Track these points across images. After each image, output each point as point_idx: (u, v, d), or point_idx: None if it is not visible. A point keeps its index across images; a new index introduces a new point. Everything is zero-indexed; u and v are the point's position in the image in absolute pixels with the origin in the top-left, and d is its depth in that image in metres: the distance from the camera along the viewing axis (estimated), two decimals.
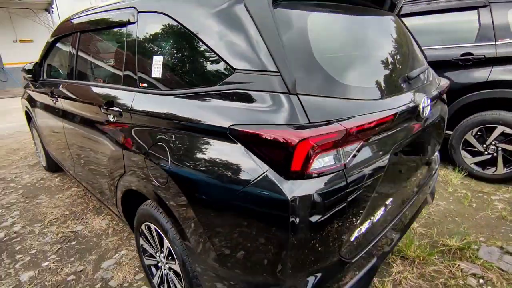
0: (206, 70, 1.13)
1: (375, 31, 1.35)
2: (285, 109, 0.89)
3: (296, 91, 0.90)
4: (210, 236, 1.09)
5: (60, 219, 2.60)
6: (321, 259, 0.97)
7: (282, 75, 0.91)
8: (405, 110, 1.17)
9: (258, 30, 0.96)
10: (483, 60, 2.76)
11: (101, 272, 1.97)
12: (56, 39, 2.50)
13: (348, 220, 0.99)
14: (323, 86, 0.97)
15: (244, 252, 1.01)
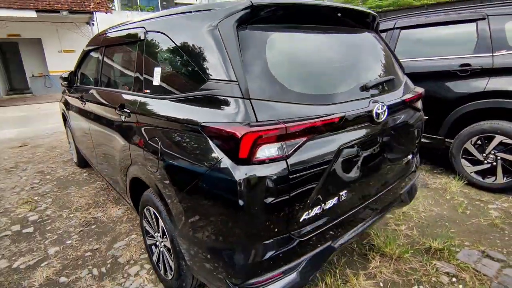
0: (188, 79, 1.41)
1: (333, 47, 1.55)
2: (240, 110, 1.13)
3: (249, 96, 1.15)
4: (186, 212, 1.35)
5: (84, 206, 2.99)
6: (268, 231, 1.19)
7: (239, 84, 1.16)
8: (355, 115, 1.36)
9: (225, 48, 1.22)
10: (480, 71, 2.82)
11: (112, 251, 2.29)
12: (87, 51, 2.93)
13: (293, 202, 1.20)
14: (275, 93, 1.20)
15: (208, 223, 1.25)
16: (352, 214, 1.52)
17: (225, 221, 1.18)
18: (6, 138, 5.87)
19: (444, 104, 3.07)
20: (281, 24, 1.36)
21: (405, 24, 3.46)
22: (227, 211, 1.16)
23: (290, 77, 1.29)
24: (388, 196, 1.77)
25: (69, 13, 10.48)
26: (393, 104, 1.59)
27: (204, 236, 1.30)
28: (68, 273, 2.07)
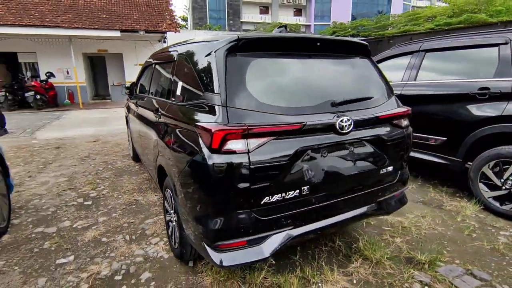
0: (194, 90, 1.90)
1: (308, 70, 1.89)
2: (218, 114, 1.57)
3: (226, 105, 1.58)
4: (182, 189, 1.81)
5: (130, 191, 3.69)
6: (233, 206, 1.57)
7: (221, 95, 1.60)
8: (317, 125, 1.69)
9: (216, 70, 1.68)
10: (500, 95, 2.81)
11: (143, 225, 2.87)
12: (144, 67, 3.69)
13: (254, 187, 1.57)
14: (249, 104, 1.61)
15: (193, 198, 1.69)
16: (315, 209, 1.81)
17: (202, 195, 1.61)
18: (85, 134, 7.19)
19: (463, 126, 3.08)
20: (263, 52, 1.77)
21: (430, 47, 3.54)
22: (203, 188, 1.59)
23: (263, 92, 1.69)
24: (358, 201, 1.99)
25: (146, 33, 12.26)
26: (362, 120, 1.86)
27: (191, 208, 1.74)
28: (108, 235, 2.68)
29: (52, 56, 12.90)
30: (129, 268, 2.22)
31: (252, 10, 46.18)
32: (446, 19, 18.85)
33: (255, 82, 1.70)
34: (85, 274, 2.16)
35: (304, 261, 2.28)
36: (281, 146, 1.62)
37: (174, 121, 2.04)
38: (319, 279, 2.08)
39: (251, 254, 1.66)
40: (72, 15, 11.81)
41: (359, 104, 1.92)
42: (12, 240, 2.61)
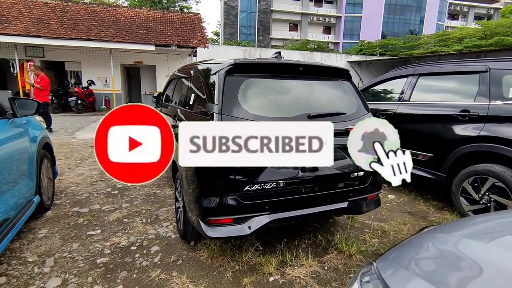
0: (202, 100, 2.42)
1: (292, 88, 2.35)
2: (215, 119, 2.07)
3: (221, 112, 2.08)
4: (185, 178, 2.31)
5: (150, 185, 4.27)
6: (221, 190, 2.04)
7: (218, 105, 2.11)
8: None
9: (217, 85, 2.20)
10: (477, 117, 3.10)
11: (157, 212, 3.40)
12: (170, 80, 4.33)
13: (239, 178, 2.04)
14: (239, 113, 2.10)
15: (191, 183, 2.19)
16: (290, 200, 2.23)
17: (198, 181, 2.10)
18: None
19: (446, 144, 3.37)
20: (255, 73, 2.27)
21: (423, 72, 3.88)
22: (197, 177, 2.08)
23: (251, 104, 2.18)
24: (330, 198, 2.39)
25: (177, 47, 13.31)
26: (334, 131, 2.28)
27: (192, 192, 2.24)
28: (129, 218, 3.24)
29: (94, 66, 14.30)
30: (142, 242, 2.74)
31: (281, 27, 47.53)
32: (475, 41, 18.56)
33: (246, 96, 2.20)
34: (108, 243, 2.70)
35: (287, 249, 2.68)
36: None
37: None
38: (295, 263, 2.48)
39: (235, 230, 2.11)
40: (114, 30, 13.14)
41: (333, 118, 2.35)
42: (54, 215, 3.24)
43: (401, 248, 1.27)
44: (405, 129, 2.10)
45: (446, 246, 1.19)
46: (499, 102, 2.98)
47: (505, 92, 2.97)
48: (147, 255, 2.54)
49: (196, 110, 2.48)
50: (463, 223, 1.51)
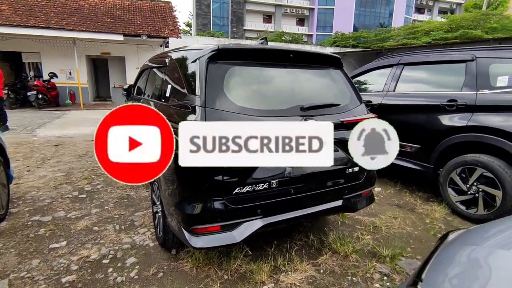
0: (180, 92, 2.13)
1: (281, 78, 2.13)
2: (197, 114, 1.80)
3: (205, 105, 1.80)
4: (165, 183, 2.02)
5: (123, 186, 3.90)
6: (207, 194, 1.79)
7: (200, 97, 1.83)
8: None
9: (198, 75, 1.92)
10: (465, 107, 3.05)
11: (132, 217, 3.07)
12: (141, 71, 3.94)
13: (226, 179, 1.79)
14: (225, 105, 1.84)
15: (172, 188, 1.91)
16: (283, 202, 2.02)
17: (179, 184, 1.83)
18: (84, 133, 7.42)
19: (434, 135, 3.31)
20: (241, 61, 2.01)
21: (408, 61, 3.80)
22: (179, 179, 1.81)
23: (239, 96, 1.92)
24: (325, 197, 2.21)
25: (148, 37, 12.59)
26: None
27: (172, 196, 1.96)
28: (100, 225, 2.89)
29: (55, 57, 13.20)
30: (116, 253, 2.42)
31: (255, 18, 46.94)
32: (442, 34, 19.31)
33: (232, 86, 1.94)
34: (75, 257, 2.35)
35: (278, 252, 2.49)
36: None
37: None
38: (289, 268, 2.29)
39: (224, 238, 1.87)
40: (77, 18, 12.16)
41: (327, 109, 2.15)
42: (9, 226, 2.81)
43: (436, 267, 1.09)
44: (391, 120, 1.99)
45: (484, 261, 1.03)
46: (486, 91, 2.94)
47: (492, 81, 2.93)
48: (122, 269, 2.24)
49: (174, 103, 2.18)
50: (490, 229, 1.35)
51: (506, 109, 2.76)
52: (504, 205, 2.76)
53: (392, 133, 1.80)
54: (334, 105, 2.20)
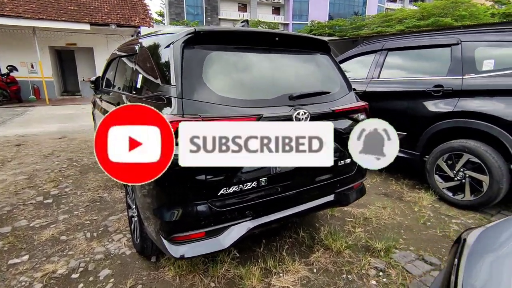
0: (153, 82, 1.87)
1: (266, 64, 1.93)
2: (173, 106, 1.56)
3: (182, 96, 1.57)
4: (139, 186, 1.78)
5: (95, 188, 3.58)
6: (188, 198, 1.57)
7: (176, 87, 1.59)
8: (273, 117, 1.72)
9: (173, 62, 1.67)
10: (451, 92, 2.99)
11: (106, 222, 2.79)
12: (110, 60, 3.58)
13: (210, 179, 1.58)
14: (205, 96, 1.61)
15: (148, 190, 1.68)
16: (273, 200, 1.84)
17: (156, 186, 1.60)
18: (50, 131, 6.87)
19: (420, 122, 3.25)
20: (221, 45, 1.78)
21: (392, 46, 3.70)
22: (158, 180, 1.57)
23: (220, 85, 1.70)
24: (317, 192, 2.06)
25: (117, 27, 11.85)
26: (319, 113, 1.91)
27: (148, 201, 1.72)
28: (68, 233, 2.59)
29: (14, 49, 12.16)
30: (87, 265, 2.16)
31: (230, 7, 45.88)
32: (415, 22, 19.72)
33: (213, 74, 1.71)
34: (39, 273, 2.07)
35: (268, 252, 2.32)
36: None
37: None
38: (280, 269, 2.13)
39: (210, 245, 1.67)
40: (35, 5, 11.18)
41: (316, 98, 1.98)
42: None
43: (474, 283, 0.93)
44: (376, 108, 1.88)
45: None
46: (472, 76, 2.88)
47: (478, 65, 2.88)
48: (94, 284, 1.99)
49: (147, 95, 1.92)
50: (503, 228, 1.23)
51: (492, 94, 2.72)
52: (491, 191, 2.74)
53: (392, 133, 1.68)
54: (324, 93, 2.03)
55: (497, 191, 2.71)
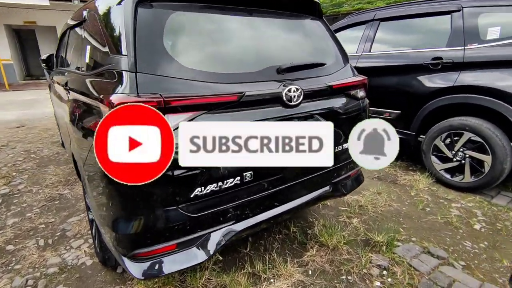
0: (102, 54, 1.44)
1: (248, 29, 1.53)
2: (125, 83, 1.16)
3: (136, 70, 1.16)
4: (90, 185, 1.39)
5: (54, 184, 3.12)
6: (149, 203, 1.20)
7: (128, 58, 1.18)
8: (260, 96, 1.36)
9: (124, 24, 1.24)
10: (452, 65, 2.71)
11: (64, 225, 2.38)
12: (62, 35, 3.02)
13: (179, 177, 1.21)
14: (169, 69, 1.21)
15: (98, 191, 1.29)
16: (262, 198, 1.51)
17: (107, 190, 1.22)
18: (6, 119, 6.17)
19: (416, 99, 2.98)
20: (189, 3, 1.36)
21: (384, 16, 3.36)
22: (110, 182, 1.19)
23: (188, 54, 1.30)
24: (311, 184, 1.74)
25: (81, 2, 10.77)
26: (314, 89, 1.56)
27: (101, 207, 1.34)
28: (17, 242, 2.17)
29: None
30: (37, 283, 1.78)
31: None
32: None
33: (178, 40, 1.31)
34: None
35: (255, 253, 2.02)
36: (215, 121, 1.26)
37: (79, 97, 1.58)
38: (271, 274, 1.84)
39: (183, 259, 1.32)
40: None
41: (309, 71, 1.61)
42: None
43: None
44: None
45: None
46: (475, 46, 2.60)
47: (482, 33, 2.60)
48: None
49: (95, 71, 1.49)
50: None
51: (498, 65, 2.46)
52: (493, 171, 2.54)
53: (392, 133, 1.47)
54: (319, 65, 1.67)
55: (500, 172, 2.52)
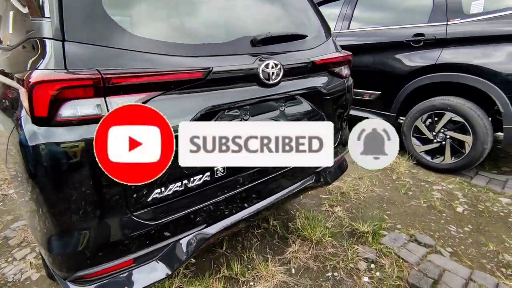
0: (21, 21, 1.11)
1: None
2: (46, 55, 0.85)
3: (63, 37, 0.86)
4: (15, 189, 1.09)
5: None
6: (91, 212, 0.93)
7: (52, 21, 0.87)
8: (231, 72, 1.10)
9: None
10: (434, 41, 2.58)
11: (7, 231, 2.03)
12: None
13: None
14: (108, 36, 0.92)
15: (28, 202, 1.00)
16: (238, 194, 1.29)
17: (37, 199, 0.93)
18: None
19: (396, 79, 2.85)
20: None
21: None
22: (33, 184, 0.90)
23: (137, 18, 1.01)
24: (293, 175, 1.54)
25: None
26: (295, 65, 1.33)
27: (30, 218, 1.05)
28: None
29: None
30: None
31: None
32: None
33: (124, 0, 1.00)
34: None
35: (232, 252, 1.82)
36: (173, 108, 1.00)
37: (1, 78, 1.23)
38: (250, 276, 1.64)
39: (143, 277, 1.08)
40: None
41: (289, 44, 1.37)
42: None
43: None
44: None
45: None
46: (458, 21, 2.47)
47: (465, 7, 2.47)
48: None
49: (17, 44, 1.14)
50: None
51: (482, 41, 2.35)
52: (474, 152, 2.49)
53: (392, 133, 1.31)
54: (300, 37, 1.43)
55: (480, 152, 2.46)
